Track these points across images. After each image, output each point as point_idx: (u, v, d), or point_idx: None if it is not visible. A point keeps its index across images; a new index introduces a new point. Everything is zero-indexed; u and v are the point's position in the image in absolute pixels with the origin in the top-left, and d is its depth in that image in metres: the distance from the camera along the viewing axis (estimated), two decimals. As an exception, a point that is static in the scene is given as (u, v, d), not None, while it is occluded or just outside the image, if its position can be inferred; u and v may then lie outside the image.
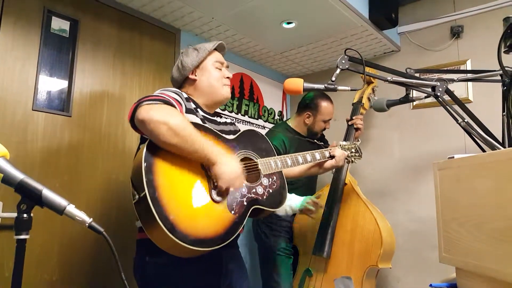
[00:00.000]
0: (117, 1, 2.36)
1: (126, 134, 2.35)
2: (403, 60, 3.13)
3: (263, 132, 3.27)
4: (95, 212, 2.16)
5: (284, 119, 3.70)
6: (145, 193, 1.21)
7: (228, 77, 1.75)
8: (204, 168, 1.41)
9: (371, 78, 2.75)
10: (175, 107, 1.39)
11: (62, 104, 2.11)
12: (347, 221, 2.36)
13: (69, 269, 2.02)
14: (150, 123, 1.26)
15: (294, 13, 2.55)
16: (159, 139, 1.28)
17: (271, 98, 3.58)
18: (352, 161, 2.13)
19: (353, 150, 2.14)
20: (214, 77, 1.71)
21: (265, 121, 3.47)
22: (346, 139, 2.59)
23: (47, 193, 0.81)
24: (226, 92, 1.73)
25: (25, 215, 0.81)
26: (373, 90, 2.82)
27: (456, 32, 2.85)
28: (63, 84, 2.13)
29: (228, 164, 1.40)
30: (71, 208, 0.83)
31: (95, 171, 2.18)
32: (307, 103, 2.63)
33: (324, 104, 2.60)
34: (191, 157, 1.35)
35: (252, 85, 3.37)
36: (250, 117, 3.32)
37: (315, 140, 2.54)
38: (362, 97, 2.74)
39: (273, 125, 3.50)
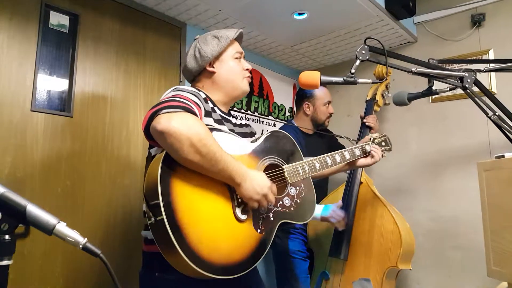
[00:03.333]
0: (119, -6, 2.24)
1: (131, 135, 2.23)
2: (420, 51, 2.97)
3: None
4: (100, 218, 2.04)
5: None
6: (163, 218, 1.07)
7: (248, 69, 1.60)
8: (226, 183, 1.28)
9: (384, 74, 2.61)
10: (197, 115, 1.24)
11: (62, 104, 1.99)
12: (364, 222, 2.26)
13: (74, 280, 1.90)
14: (170, 137, 1.10)
15: (306, 2, 2.40)
16: (178, 155, 1.13)
17: (282, 94, 3.44)
18: (382, 156, 1.99)
19: (383, 144, 2.01)
20: (235, 70, 1.56)
21: (275, 118, 3.33)
22: (360, 138, 2.48)
23: (33, 209, 0.68)
24: (245, 86, 1.59)
25: (6, 237, 0.67)
26: (386, 86, 2.70)
27: (477, 20, 2.69)
28: (63, 83, 2.01)
29: (254, 181, 1.26)
30: (62, 227, 0.69)
31: (99, 174, 2.07)
32: (301, 94, 2.59)
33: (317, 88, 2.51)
34: (213, 176, 1.22)
35: (261, 80, 3.23)
36: (260, 114, 3.19)
37: (321, 131, 2.45)
38: (375, 94, 2.62)
39: (284, 122, 3.38)
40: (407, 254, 2.13)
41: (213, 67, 1.54)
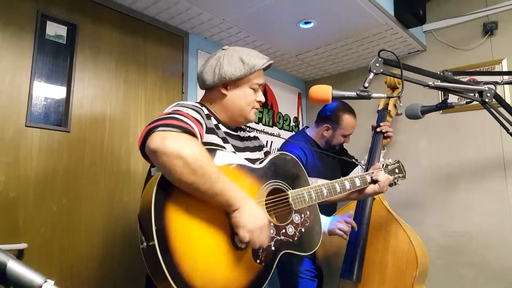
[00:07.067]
0: (118, 3, 2.15)
1: (130, 151, 2.14)
2: (429, 60, 2.89)
3: (280, 142, 3.06)
4: (98, 238, 1.94)
5: (300, 125, 3.47)
6: (154, 244, 0.99)
7: (260, 101, 1.49)
8: None
9: (397, 83, 2.52)
10: (196, 135, 1.15)
11: (59, 118, 1.90)
12: (378, 240, 2.13)
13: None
14: (163, 156, 1.03)
15: (312, 12, 2.31)
16: (172, 175, 1.05)
17: (286, 104, 3.34)
18: (395, 183, 1.87)
19: (396, 171, 1.89)
20: (247, 100, 1.44)
21: (280, 129, 3.24)
22: (373, 148, 2.35)
23: (14, 266, 0.56)
24: (252, 116, 1.49)
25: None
26: (399, 96, 2.58)
27: (489, 29, 2.60)
28: (60, 96, 1.92)
29: (252, 212, 1.16)
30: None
31: (97, 192, 1.97)
32: (327, 115, 2.39)
33: (346, 117, 2.36)
34: (209, 200, 1.12)
35: (266, 90, 3.14)
36: (265, 124, 3.10)
37: (334, 154, 2.32)
38: (388, 103, 2.50)
39: (289, 132, 3.29)
40: (422, 275, 2.02)
41: (226, 89, 1.43)
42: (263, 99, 1.50)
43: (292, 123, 3.38)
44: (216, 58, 1.44)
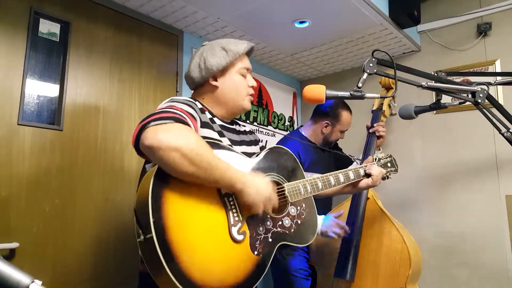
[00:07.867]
0: (112, 0, 2.14)
1: (124, 149, 2.13)
2: (424, 60, 2.91)
3: (275, 140, 3.06)
4: (91, 238, 1.93)
5: (295, 124, 3.47)
6: (152, 236, 0.99)
7: (252, 86, 1.51)
8: (222, 199, 1.20)
9: (391, 84, 2.52)
10: (189, 125, 1.16)
11: (52, 116, 1.89)
12: (372, 240, 2.15)
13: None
14: (158, 150, 1.03)
15: (308, 11, 2.32)
16: (171, 168, 1.05)
17: (281, 103, 3.34)
18: (388, 177, 1.89)
19: (388, 165, 1.91)
20: (239, 87, 1.46)
21: (275, 128, 3.24)
22: (367, 147, 2.37)
23: (0, 267, 0.56)
24: (247, 104, 1.50)
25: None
26: (393, 96, 2.60)
27: (483, 30, 2.62)
28: (53, 94, 1.91)
29: (255, 188, 1.19)
30: (36, 288, 0.57)
31: (90, 191, 1.96)
32: (326, 112, 2.41)
33: (345, 114, 2.41)
34: (211, 186, 1.14)
35: (260, 89, 3.14)
36: (259, 124, 3.09)
37: (329, 149, 2.33)
38: (382, 104, 2.51)
39: (283, 131, 3.29)
40: (415, 274, 2.04)
41: (216, 81, 1.44)
42: (254, 83, 1.51)
43: (287, 123, 3.38)
44: (199, 54, 1.47)
